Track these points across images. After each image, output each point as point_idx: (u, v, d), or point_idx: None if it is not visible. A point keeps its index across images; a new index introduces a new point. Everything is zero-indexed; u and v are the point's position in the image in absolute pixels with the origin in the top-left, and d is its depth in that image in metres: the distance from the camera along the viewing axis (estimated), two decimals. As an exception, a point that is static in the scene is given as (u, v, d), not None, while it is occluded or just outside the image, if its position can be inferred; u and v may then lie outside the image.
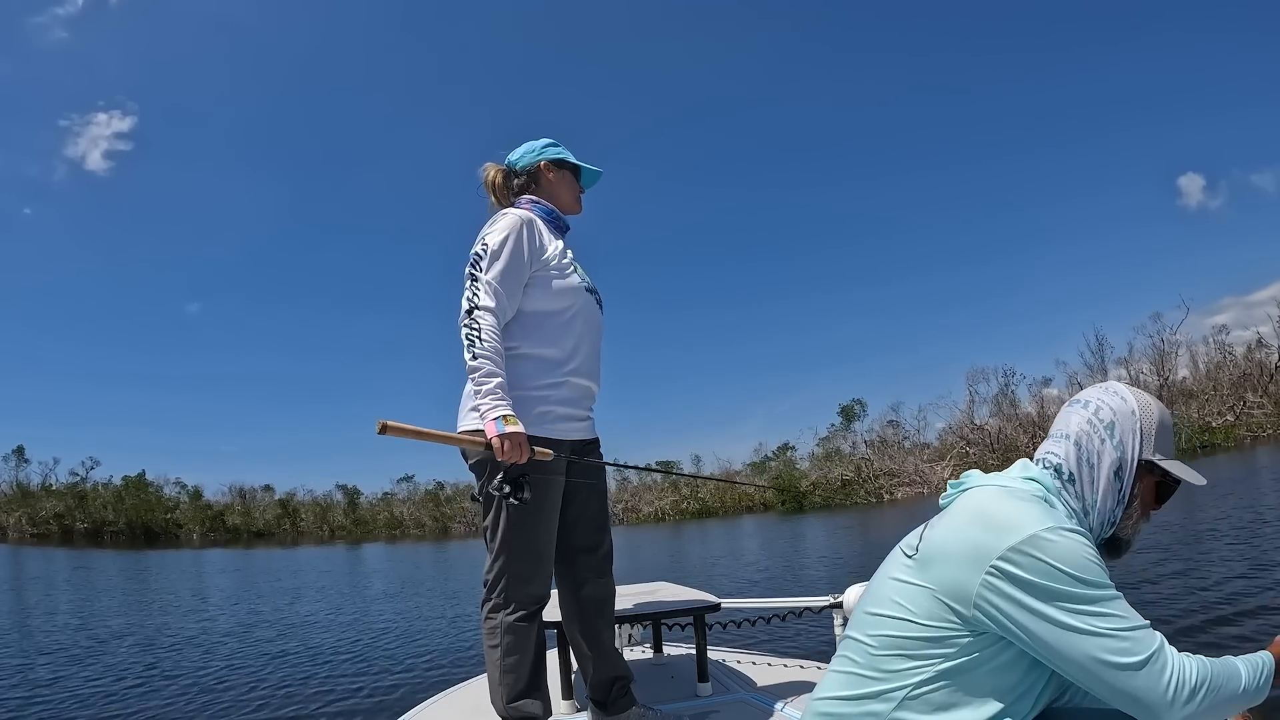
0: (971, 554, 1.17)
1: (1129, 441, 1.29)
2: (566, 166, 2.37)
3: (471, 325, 2.01)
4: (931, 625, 1.18)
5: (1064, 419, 1.35)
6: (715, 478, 53.35)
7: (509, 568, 2.10)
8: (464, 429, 2.09)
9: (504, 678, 2.08)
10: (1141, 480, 1.30)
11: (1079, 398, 1.37)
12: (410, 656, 7.41)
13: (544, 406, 2.13)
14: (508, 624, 2.10)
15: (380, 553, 33.76)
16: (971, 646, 1.17)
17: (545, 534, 2.13)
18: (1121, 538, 1.32)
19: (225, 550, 40.78)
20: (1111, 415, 1.30)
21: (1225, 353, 41.08)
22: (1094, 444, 1.29)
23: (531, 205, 2.29)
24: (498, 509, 2.09)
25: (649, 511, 49.69)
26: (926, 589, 1.20)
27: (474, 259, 2.09)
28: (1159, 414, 1.31)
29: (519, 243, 2.11)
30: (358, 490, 59.62)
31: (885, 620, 1.23)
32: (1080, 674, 1.13)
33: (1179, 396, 39.60)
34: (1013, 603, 1.14)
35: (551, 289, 2.17)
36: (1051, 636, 1.13)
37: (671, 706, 2.43)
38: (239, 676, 6.75)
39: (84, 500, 53.05)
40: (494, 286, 2.05)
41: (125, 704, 5.86)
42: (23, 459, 55.39)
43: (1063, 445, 1.32)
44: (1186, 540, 9.46)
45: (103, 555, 34.62)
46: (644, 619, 2.88)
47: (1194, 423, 36.95)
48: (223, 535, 53.61)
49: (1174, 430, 1.33)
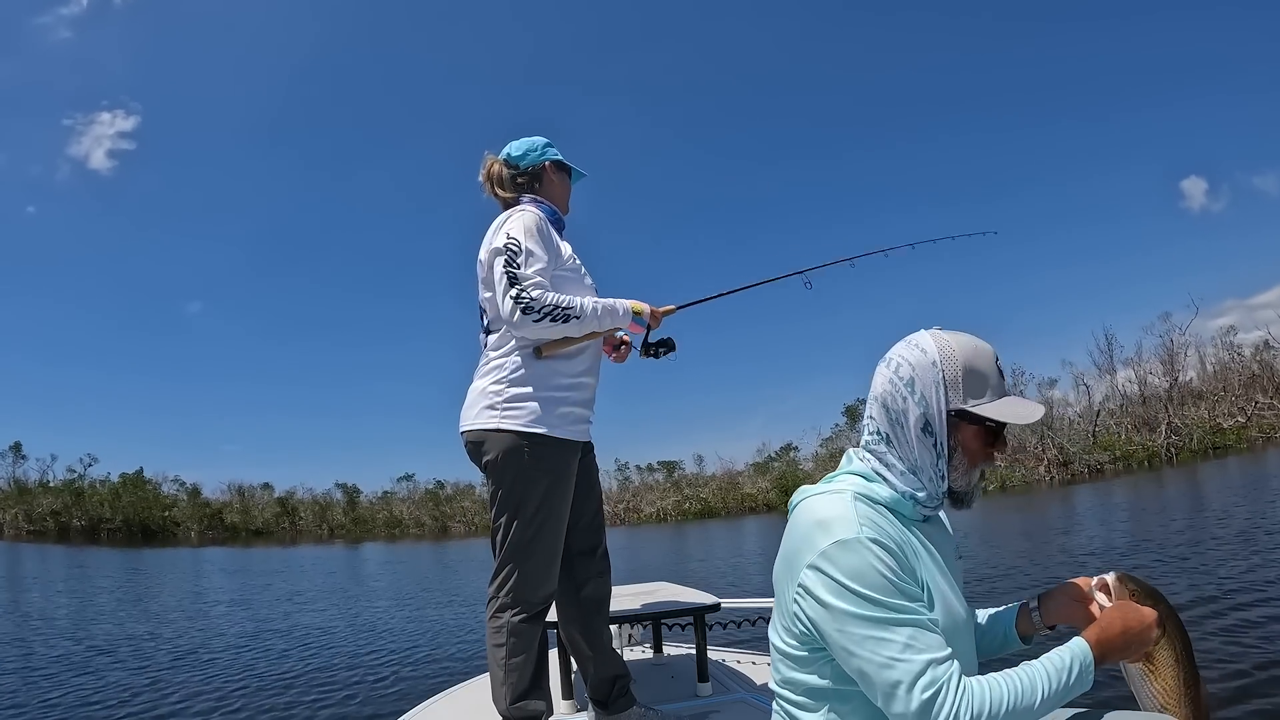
0: (786, 573, 1.23)
1: (931, 395, 1.24)
2: (565, 169, 2.39)
3: (544, 307, 2.01)
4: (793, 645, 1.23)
5: (875, 379, 1.31)
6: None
7: (519, 568, 2.09)
8: (476, 427, 2.10)
9: (508, 677, 2.08)
10: (960, 430, 1.25)
11: (887, 355, 1.30)
12: (410, 656, 7.31)
13: (566, 407, 2.13)
14: (513, 624, 2.08)
15: (379, 552, 33.69)
16: (827, 668, 1.20)
17: (558, 535, 2.13)
18: (957, 490, 1.27)
19: (223, 548, 40.67)
20: (910, 371, 1.25)
21: (1234, 354, 40.69)
22: (898, 403, 1.25)
23: (537, 205, 2.29)
24: (510, 510, 2.08)
25: (650, 512, 49.22)
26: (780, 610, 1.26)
27: (509, 256, 2.06)
28: (964, 358, 1.24)
29: (545, 241, 2.14)
30: (357, 489, 59.38)
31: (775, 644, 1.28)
32: (868, 693, 1.12)
33: (1188, 397, 39.16)
34: (813, 618, 1.15)
35: (566, 291, 2.16)
36: (840, 654, 1.13)
37: (671, 706, 2.42)
38: (237, 676, 6.56)
39: (81, 497, 52.74)
40: (537, 280, 2.05)
41: (125, 703, 5.68)
42: (20, 455, 55.12)
43: (874, 408, 1.29)
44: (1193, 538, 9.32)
45: (98, 553, 34.40)
46: (644, 619, 2.90)
47: (1205, 423, 36.46)
48: (221, 533, 53.27)
49: (994, 367, 1.26)
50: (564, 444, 2.10)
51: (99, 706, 5.66)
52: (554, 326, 2.03)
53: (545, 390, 2.08)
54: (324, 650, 7.81)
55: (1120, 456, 36.56)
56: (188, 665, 7.21)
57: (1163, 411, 38.01)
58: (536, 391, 2.06)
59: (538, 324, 2.01)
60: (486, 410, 2.08)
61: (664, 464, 54.52)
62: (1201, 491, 17.13)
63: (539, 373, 2.09)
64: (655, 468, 54.92)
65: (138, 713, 5.45)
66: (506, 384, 2.10)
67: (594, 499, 2.32)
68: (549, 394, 2.09)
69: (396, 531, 53.60)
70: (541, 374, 2.09)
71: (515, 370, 2.10)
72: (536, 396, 2.05)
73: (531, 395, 2.07)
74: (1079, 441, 38.78)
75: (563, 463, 2.10)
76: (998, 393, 1.25)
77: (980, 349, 1.26)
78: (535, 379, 2.08)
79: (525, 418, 2.07)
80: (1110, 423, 40.51)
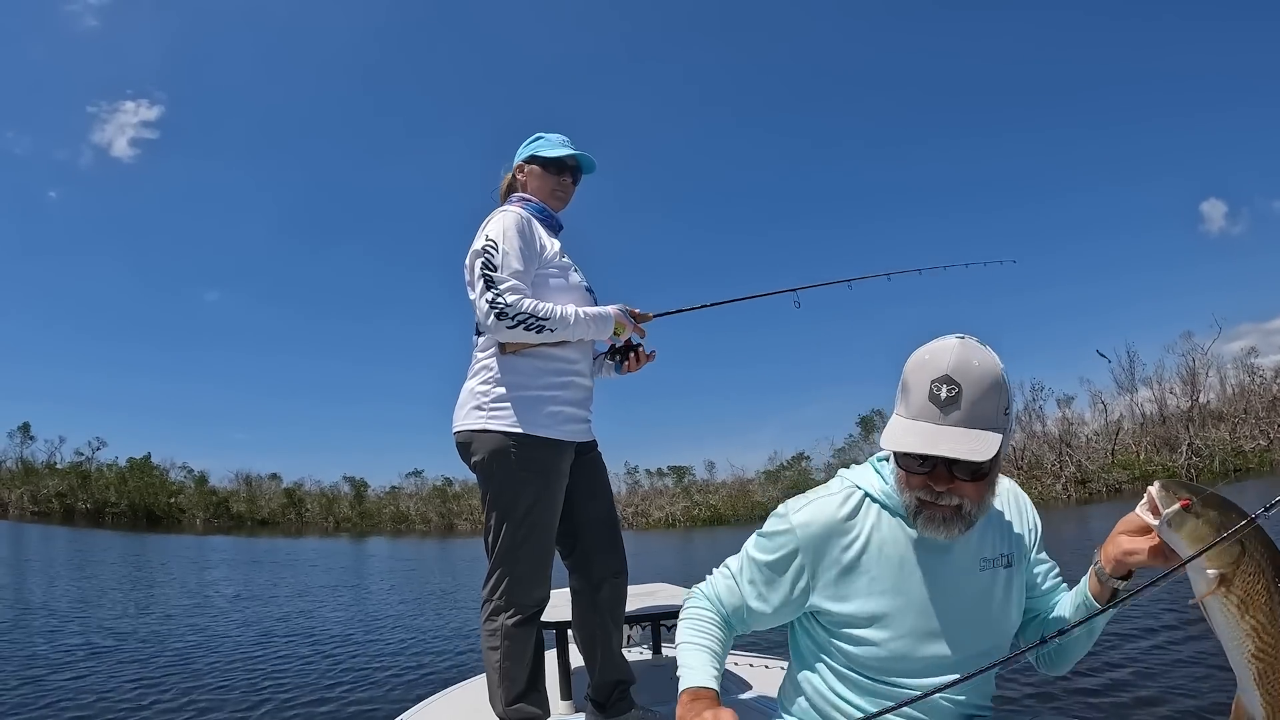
0: None
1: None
2: (553, 163, 2.30)
3: (519, 314, 1.98)
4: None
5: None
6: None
7: (511, 571, 2.07)
8: (464, 427, 2.09)
9: (503, 680, 2.07)
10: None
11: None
12: (410, 656, 7.24)
13: (555, 406, 2.10)
14: (507, 627, 2.07)
15: (383, 547, 33.50)
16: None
17: (548, 538, 2.11)
18: (913, 508, 1.26)
19: (227, 537, 40.46)
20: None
21: (1254, 376, 40.11)
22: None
23: (523, 204, 2.26)
24: (500, 512, 2.06)
25: (659, 517, 48.85)
26: None
27: (485, 259, 2.04)
28: (908, 367, 1.23)
29: (526, 240, 2.10)
30: (365, 483, 59.18)
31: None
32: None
33: (1209, 419, 38.61)
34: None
35: (551, 288, 2.14)
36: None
37: (671, 708, 2.40)
38: (234, 675, 6.32)
39: (87, 480, 52.67)
40: (513, 284, 2.02)
41: (123, 702, 5.39)
42: (28, 436, 55.10)
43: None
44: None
45: (98, 535, 34.22)
46: (643, 620, 2.91)
47: (1226, 445, 35.92)
48: (226, 522, 53.11)
49: (923, 382, 1.19)
50: (552, 444, 2.07)
51: (94, 697, 5.45)
52: (528, 334, 2.00)
53: (533, 390, 2.06)
54: (323, 648, 7.64)
55: (1139, 476, 36.02)
56: (183, 660, 6.98)
57: (1184, 431, 37.47)
58: (523, 391, 2.05)
59: (511, 330, 1.99)
60: (474, 411, 2.07)
61: (674, 469, 54.15)
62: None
63: (526, 372, 2.07)
64: (665, 472, 54.57)
65: (133, 707, 5.25)
66: (493, 384, 2.09)
67: (602, 498, 2.29)
68: (536, 393, 2.07)
69: (402, 527, 53.45)
70: (529, 373, 2.08)
71: (502, 370, 2.09)
72: (523, 396, 2.04)
73: (518, 395, 2.05)
74: (1098, 459, 38.26)
75: (551, 463, 2.07)
76: (912, 411, 1.20)
77: (923, 362, 1.20)
78: (522, 379, 2.06)
79: (511, 418, 2.05)
80: (1129, 441, 39.96)
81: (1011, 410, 1.22)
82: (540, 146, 2.31)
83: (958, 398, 1.16)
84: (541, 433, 2.04)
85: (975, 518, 1.25)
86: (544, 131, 2.36)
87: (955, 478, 1.21)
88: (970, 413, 1.16)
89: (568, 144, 2.32)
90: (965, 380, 1.16)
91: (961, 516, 1.23)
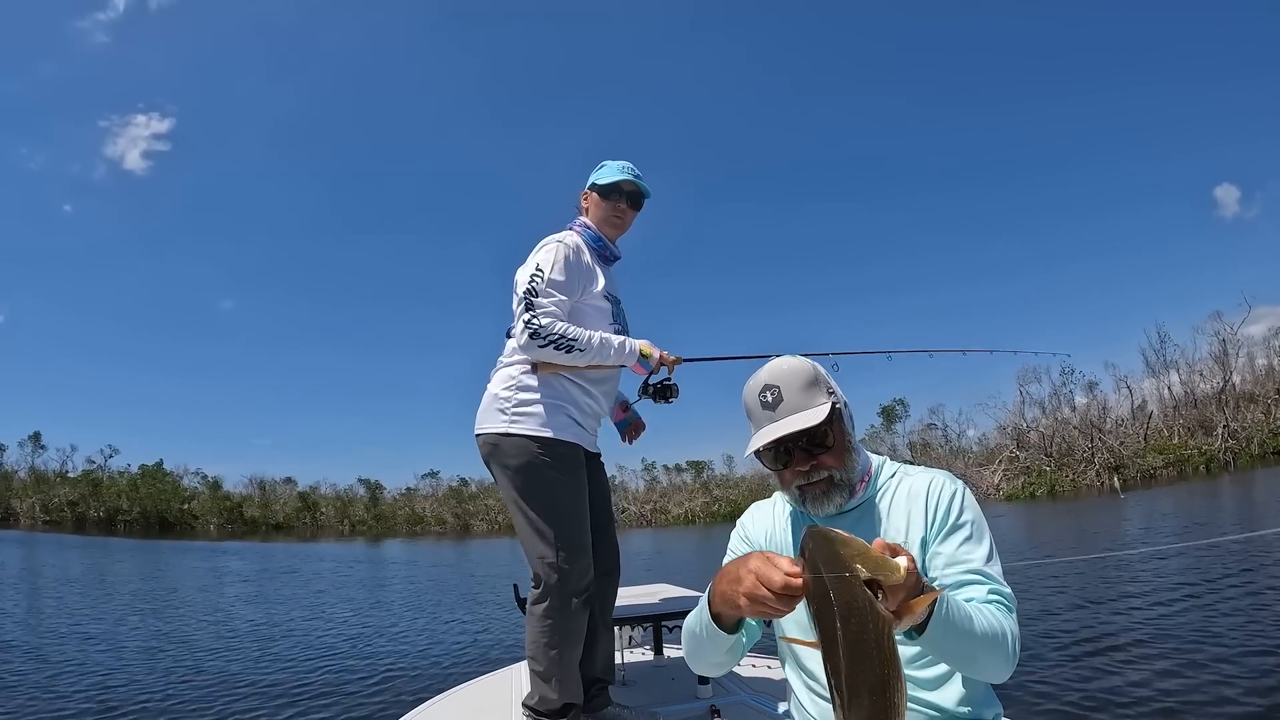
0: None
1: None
2: (613, 191, 2.34)
3: (550, 335, 2.07)
4: None
5: None
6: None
7: (563, 548, 2.11)
8: (489, 430, 2.16)
9: (549, 665, 2.10)
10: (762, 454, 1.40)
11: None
12: (410, 656, 7.24)
13: (574, 412, 2.20)
14: (557, 610, 2.10)
15: (399, 551, 33.11)
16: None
17: (582, 527, 2.17)
18: (798, 496, 1.38)
19: (241, 542, 40.01)
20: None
21: (1281, 357, 39.18)
22: None
23: (582, 230, 2.33)
24: (537, 508, 2.13)
25: (678, 513, 48.14)
26: None
27: (531, 284, 2.12)
28: (744, 392, 1.39)
29: (573, 270, 2.18)
30: (380, 485, 58.73)
31: None
32: None
33: (1241, 400, 37.72)
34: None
35: (584, 324, 2.20)
36: None
37: (672, 708, 2.39)
38: (237, 676, 6.34)
39: (98, 488, 52.30)
40: (551, 309, 2.11)
41: (123, 701, 5.43)
42: (39, 445, 54.70)
43: None
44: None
45: (109, 544, 33.71)
46: (644, 620, 2.98)
47: (1263, 427, 35.00)
48: (240, 527, 52.85)
49: (755, 399, 1.36)
50: (572, 445, 2.16)
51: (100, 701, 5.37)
52: (558, 354, 2.09)
53: (553, 397, 2.15)
54: (326, 649, 7.65)
55: (1174, 461, 35.14)
56: (186, 661, 6.98)
57: (1218, 414, 36.58)
58: (544, 397, 2.13)
59: (542, 350, 2.08)
60: (497, 414, 2.15)
61: (692, 464, 53.40)
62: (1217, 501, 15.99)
63: (549, 379, 2.16)
64: (684, 468, 53.84)
65: (138, 708, 5.24)
66: (516, 389, 2.16)
67: (600, 500, 2.32)
68: (555, 401, 2.15)
69: (418, 529, 53.05)
70: (552, 381, 2.16)
71: (526, 375, 2.17)
72: (544, 402, 2.13)
73: (539, 400, 2.13)
74: (1131, 445, 37.40)
75: (574, 461, 2.17)
76: (754, 422, 1.37)
77: (750, 385, 1.38)
78: (545, 385, 2.15)
79: (534, 421, 2.13)
80: (1161, 425, 39.09)
81: (834, 385, 1.39)
82: (600, 174, 2.36)
83: (780, 394, 1.33)
84: (564, 436, 2.14)
85: (851, 481, 1.35)
86: (609, 159, 2.40)
87: (813, 455, 1.33)
88: (794, 401, 1.32)
89: (626, 170, 2.34)
90: (782, 381, 1.34)
91: (836, 485, 1.34)
